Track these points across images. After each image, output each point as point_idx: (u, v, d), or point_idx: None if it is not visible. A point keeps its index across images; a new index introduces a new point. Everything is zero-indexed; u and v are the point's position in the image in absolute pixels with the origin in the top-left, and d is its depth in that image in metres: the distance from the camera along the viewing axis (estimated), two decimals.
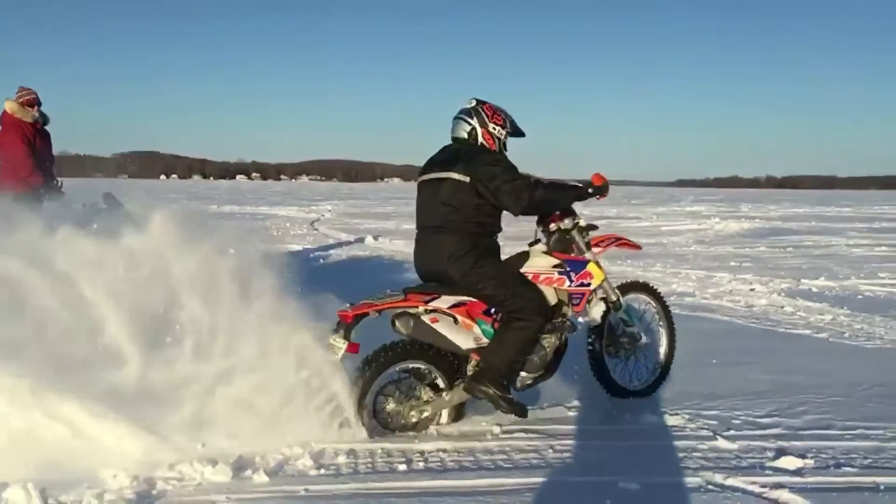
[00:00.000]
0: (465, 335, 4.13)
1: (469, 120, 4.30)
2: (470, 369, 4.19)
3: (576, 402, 4.61)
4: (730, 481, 3.43)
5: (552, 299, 4.30)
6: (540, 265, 4.38)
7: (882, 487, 3.37)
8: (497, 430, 4.14)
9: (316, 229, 19.76)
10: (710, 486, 3.38)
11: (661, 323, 5.03)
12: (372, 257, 13.27)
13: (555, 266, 4.37)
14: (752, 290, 9.53)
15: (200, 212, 4.45)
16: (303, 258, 12.50)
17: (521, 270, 4.30)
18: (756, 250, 15.21)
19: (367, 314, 4.00)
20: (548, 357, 4.30)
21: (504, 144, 4.37)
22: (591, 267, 4.45)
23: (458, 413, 4.28)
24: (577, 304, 4.47)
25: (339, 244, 15.62)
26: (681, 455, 3.80)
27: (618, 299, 4.67)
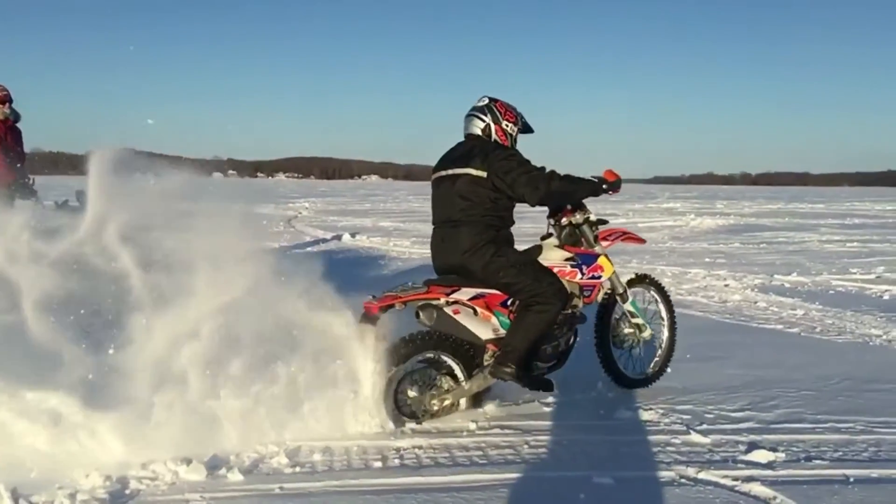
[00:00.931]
0: (485, 326, 4.28)
1: (483, 117, 4.45)
2: (487, 359, 4.33)
3: (551, 399, 4.62)
4: (702, 475, 3.46)
5: None
6: (553, 258, 4.54)
7: (852, 480, 3.42)
8: (473, 426, 4.15)
9: (293, 227, 19.66)
10: (682, 480, 3.42)
11: (663, 315, 5.22)
12: (349, 255, 13.24)
13: (567, 259, 4.55)
14: (726, 285, 9.63)
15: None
16: (279, 256, 12.41)
17: None
18: (730, 246, 15.35)
19: (392, 306, 4.14)
20: (560, 347, 4.48)
21: (515, 140, 4.53)
22: (601, 260, 4.65)
23: (477, 402, 4.43)
24: (588, 297, 4.66)
25: (316, 241, 15.57)
26: (654, 449, 3.84)
27: (625, 291, 4.87)
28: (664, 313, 5.24)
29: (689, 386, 4.98)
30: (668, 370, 5.18)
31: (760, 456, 3.68)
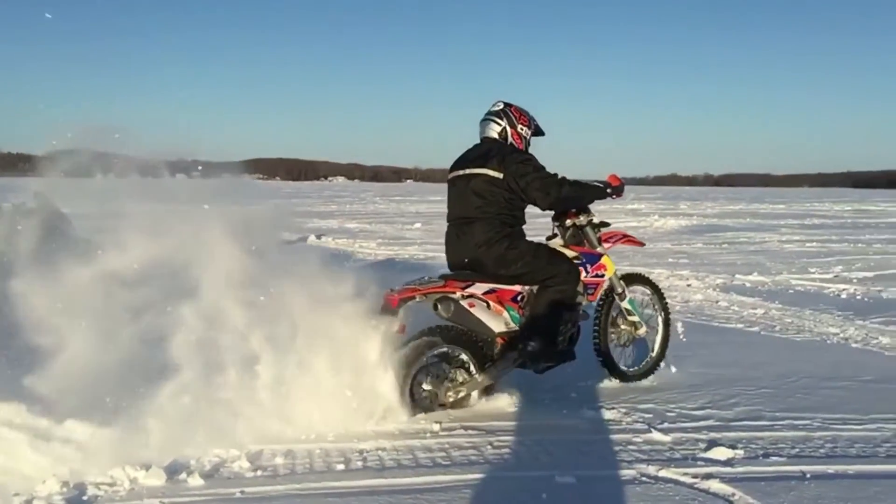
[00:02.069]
0: (497, 319, 4.47)
1: (499, 121, 4.69)
2: (497, 353, 4.52)
3: (515, 399, 4.63)
4: (663, 473, 3.50)
5: None
6: None
7: (808, 476, 3.47)
8: (436, 427, 4.14)
9: None
10: (643, 478, 3.45)
11: (658, 313, 5.44)
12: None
13: (573, 258, 4.77)
14: (688, 285, 9.76)
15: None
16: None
17: None
18: (693, 247, 15.55)
19: (411, 298, 4.31)
20: (565, 343, 4.64)
21: (528, 143, 4.78)
22: (605, 260, 4.94)
23: (488, 394, 4.57)
24: (592, 294, 4.90)
25: (282, 243, 15.42)
26: (616, 448, 3.87)
27: (623, 290, 5.10)
28: (659, 311, 5.44)
29: (652, 385, 5.04)
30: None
31: (720, 453, 3.73)
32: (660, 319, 5.43)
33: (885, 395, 4.81)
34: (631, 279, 5.32)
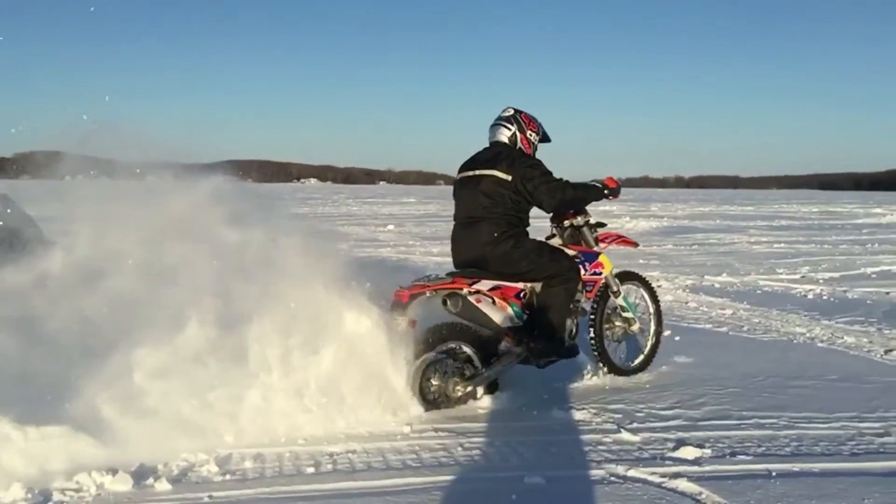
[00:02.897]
0: (502, 314, 4.65)
1: (510, 126, 4.91)
2: (502, 349, 4.70)
3: (486, 401, 4.65)
4: (631, 472, 3.52)
5: None
6: None
7: (774, 474, 3.51)
8: (407, 429, 4.14)
9: None
10: (612, 478, 3.47)
11: (650, 309, 5.63)
12: None
13: (573, 257, 4.98)
14: (658, 286, 9.80)
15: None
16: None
17: None
18: (663, 248, 15.69)
19: (421, 294, 4.49)
20: (567, 338, 4.88)
21: (536, 148, 5.00)
22: (602, 258, 5.18)
23: (493, 388, 4.69)
24: (590, 291, 5.13)
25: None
26: (586, 448, 3.89)
27: (618, 288, 5.30)
28: (651, 308, 5.63)
29: (621, 385, 5.08)
30: (585, 372, 5.33)
31: (688, 452, 3.77)
32: (652, 316, 5.61)
33: (850, 393, 4.89)
34: (624, 277, 5.48)
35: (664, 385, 5.10)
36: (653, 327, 5.58)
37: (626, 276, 5.50)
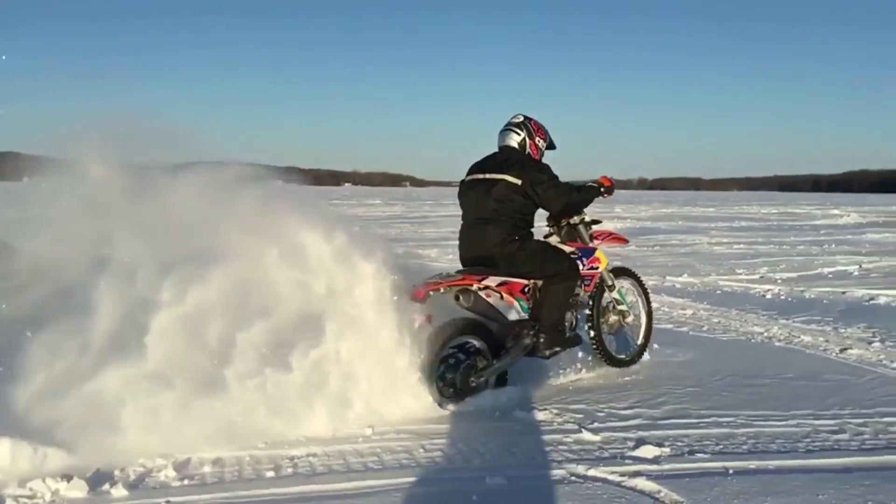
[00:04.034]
0: (510, 308, 4.93)
1: (519, 132, 5.14)
2: (509, 342, 4.88)
3: (449, 402, 4.65)
4: (592, 472, 3.55)
5: None
6: None
7: (731, 472, 3.56)
8: (369, 432, 4.12)
9: None
10: (573, 478, 3.49)
11: (641, 303, 5.90)
12: None
13: (570, 253, 5.20)
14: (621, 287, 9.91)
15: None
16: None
17: None
18: (626, 249, 15.78)
19: (436, 290, 4.70)
20: (569, 330, 5.15)
21: (542, 154, 5.23)
22: (598, 253, 5.44)
23: (502, 381, 4.87)
24: (588, 285, 5.36)
25: None
26: (547, 448, 3.91)
27: (612, 282, 5.57)
28: (641, 302, 5.90)
29: (583, 385, 5.12)
30: (548, 373, 5.37)
31: (647, 451, 3.81)
32: (643, 309, 5.88)
33: (806, 391, 4.98)
34: (617, 272, 5.74)
35: (625, 385, 5.16)
36: (644, 320, 5.84)
37: (618, 272, 5.77)
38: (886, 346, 6.33)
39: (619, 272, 5.80)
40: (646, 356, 5.87)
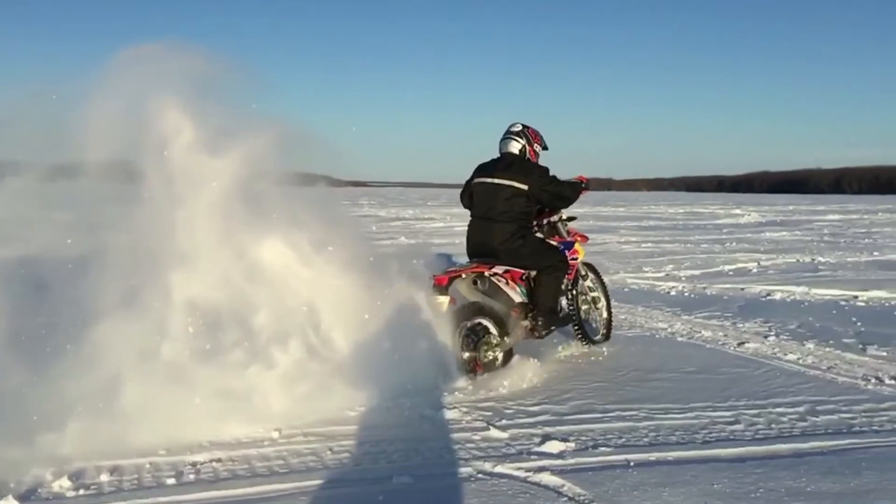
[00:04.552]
0: (514, 292, 5.70)
1: (519, 139, 5.91)
2: (512, 324, 5.57)
3: (357, 404, 4.60)
4: (498, 468, 3.59)
5: None
6: None
7: (632, 464, 3.67)
8: (275, 435, 4.06)
9: None
10: (479, 475, 3.52)
11: (602, 293, 6.66)
12: None
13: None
14: None
15: None
16: None
17: None
18: None
19: (457, 277, 5.49)
20: (562, 311, 5.99)
21: (539, 156, 6.01)
22: (577, 245, 6.29)
23: (508, 357, 5.49)
24: (569, 274, 6.08)
25: None
26: (455, 447, 3.93)
27: (586, 272, 6.49)
28: (601, 292, 6.66)
29: (492, 384, 5.14)
30: (455, 373, 5.31)
31: (552, 447, 3.88)
32: (603, 299, 6.65)
33: (705, 384, 5.16)
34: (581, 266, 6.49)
35: (533, 382, 5.22)
36: (604, 305, 6.64)
37: (582, 266, 6.49)
38: (781, 340, 6.62)
39: (583, 266, 6.50)
40: (554, 354, 5.98)
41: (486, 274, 5.59)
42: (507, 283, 5.68)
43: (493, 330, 5.45)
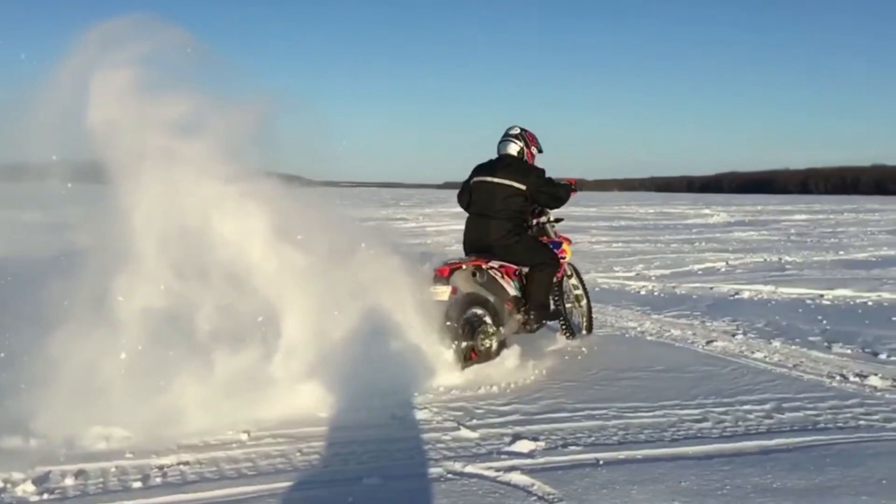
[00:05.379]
0: (509, 286, 6.00)
1: (518, 142, 6.23)
2: (507, 315, 5.91)
3: (328, 404, 4.57)
4: (468, 468, 3.59)
5: None
6: None
7: (601, 462, 3.69)
8: (244, 437, 4.03)
9: None
10: (449, 475, 3.52)
11: (583, 292, 6.97)
12: None
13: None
14: None
15: None
16: None
17: None
18: None
19: (458, 268, 5.71)
20: (552, 306, 6.29)
21: (534, 158, 6.32)
22: (565, 245, 6.61)
23: (501, 348, 5.73)
24: (559, 271, 6.39)
25: None
26: (425, 447, 3.93)
27: (571, 272, 6.84)
28: (583, 289, 6.98)
29: (463, 384, 5.14)
30: (431, 373, 5.29)
31: (523, 446, 3.89)
32: (584, 294, 6.97)
33: (673, 383, 5.21)
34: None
35: (503, 382, 5.22)
36: (585, 301, 6.94)
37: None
38: (748, 338, 6.71)
39: (568, 266, 6.79)
40: (524, 354, 5.98)
41: (484, 267, 5.87)
42: (503, 277, 5.98)
43: (488, 320, 5.74)
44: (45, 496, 3.28)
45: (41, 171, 4.37)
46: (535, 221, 6.45)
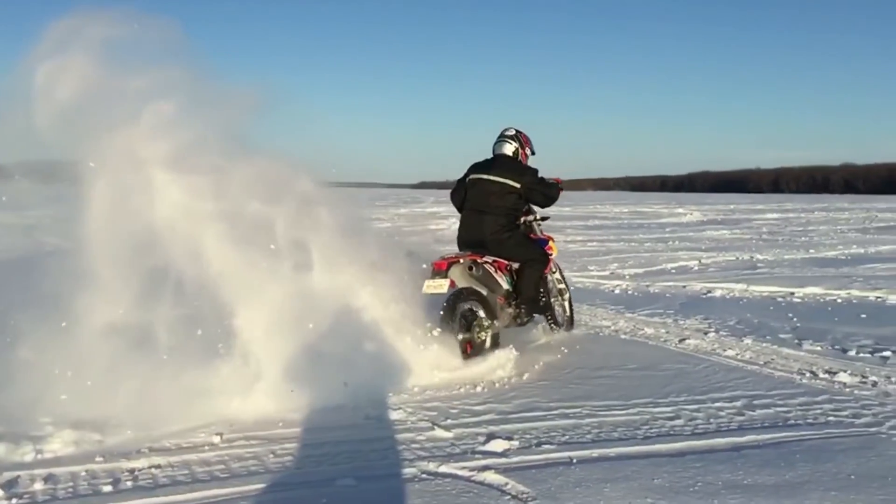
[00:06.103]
0: (502, 280, 6.23)
1: (512, 143, 6.50)
2: (499, 309, 6.13)
3: (302, 405, 4.55)
4: (443, 468, 3.60)
5: None
6: None
7: (575, 461, 3.71)
8: (217, 440, 3.99)
9: None
10: (423, 475, 3.52)
11: (565, 287, 7.18)
12: None
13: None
14: None
15: None
16: None
17: None
18: None
19: (455, 262, 5.95)
20: (542, 300, 6.51)
21: (528, 158, 6.62)
22: (551, 242, 6.88)
23: (495, 341, 5.94)
24: (546, 267, 6.63)
25: None
26: (399, 447, 3.92)
27: (556, 268, 7.05)
28: (565, 285, 7.21)
29: (437, 384, 5.14)
30: (407, 373, 5.30)
31: (497, 445, 3.90)
32: (567, 290, 7.19)
33: (646, 381, 5.25)
34: None
35: (479, 382, 5.23)
36: (568, 296, 7.17)
37: None
38: (720, 336, 6.78)
39: (553, 263, 6.98)
40: (499, 354, 5.99)
41: (480, 261, 6.11)
42: (496, 271, 6.20)
43: (483, 313, 5.94)
44: (14, 501, 3.23)
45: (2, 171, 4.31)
46: (522, 219, 6.61)
